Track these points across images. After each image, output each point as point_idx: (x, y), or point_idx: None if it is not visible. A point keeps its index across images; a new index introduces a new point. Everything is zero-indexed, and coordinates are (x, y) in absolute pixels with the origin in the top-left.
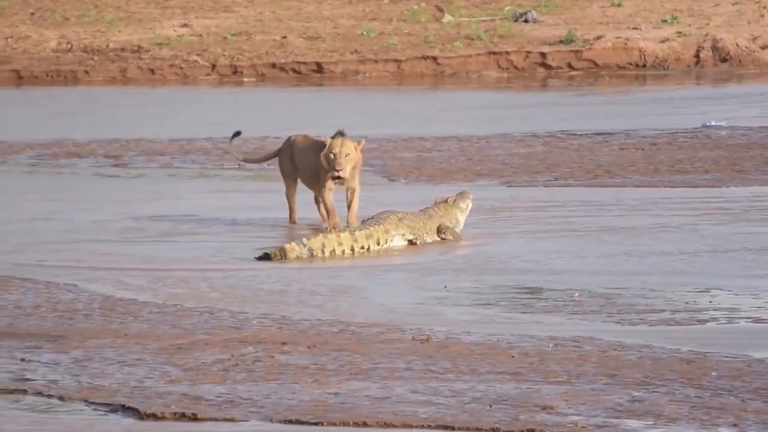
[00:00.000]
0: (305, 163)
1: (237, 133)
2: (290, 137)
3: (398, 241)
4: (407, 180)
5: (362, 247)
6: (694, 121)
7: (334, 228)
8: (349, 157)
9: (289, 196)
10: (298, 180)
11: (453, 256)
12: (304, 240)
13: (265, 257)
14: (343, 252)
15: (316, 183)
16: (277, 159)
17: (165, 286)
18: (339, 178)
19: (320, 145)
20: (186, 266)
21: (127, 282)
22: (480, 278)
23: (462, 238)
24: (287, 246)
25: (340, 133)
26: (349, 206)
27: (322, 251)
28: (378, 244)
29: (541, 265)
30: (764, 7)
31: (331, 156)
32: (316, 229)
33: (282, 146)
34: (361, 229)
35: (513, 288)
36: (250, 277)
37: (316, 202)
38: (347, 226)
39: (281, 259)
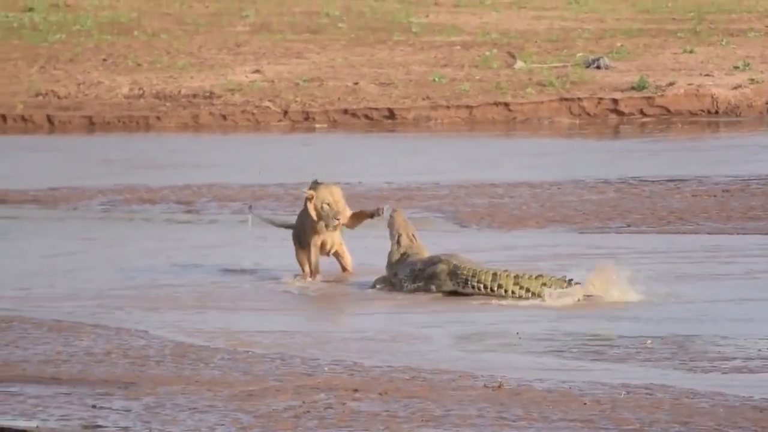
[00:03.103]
0: (301, 231)
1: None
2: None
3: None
4: (479, 226)
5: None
6: (767, 169)
7: (310, 282)
8: (340, 203)
9: (315, 261)
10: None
11: (525, 304)
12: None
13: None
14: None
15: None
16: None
17: (236, 331)
18: (336, 226)
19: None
20: (257, 311)
21: (199, 328)
22: (552, 325)
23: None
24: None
25: (316, 182)
26: (341, 259)
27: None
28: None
29: (612, 312)
30: None
31: (325, 206)
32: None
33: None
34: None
35: (584, 335)
36: (321, 322)
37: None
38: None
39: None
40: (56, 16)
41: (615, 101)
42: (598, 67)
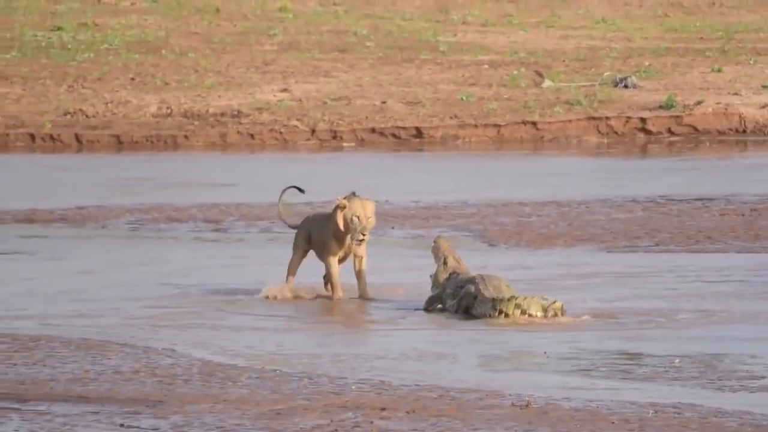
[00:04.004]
0: (320, 237)
1: (296, 189)
2: (309, 216)
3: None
4: (507, 245)
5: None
6: None
7: (338, 300)
8: (370, 219)
9: (294, 265)
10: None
11: (552, 322)
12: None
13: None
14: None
15: (325, 253)
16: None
17: (264, 350)
18: (361, 241)
19: (326, 219)
20: (284, 330)
21: (227, 347)
22: (579, 344)
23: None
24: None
25: (353, 194)
26: (358, 277)
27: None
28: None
29: (638, 330)
30: None
31: (355, 218)
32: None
33: (303, 221)
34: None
35: (612, 354)
36: (348, 340)
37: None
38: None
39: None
40: (84, 35)
41: (643, 120)
42: (626, 86)
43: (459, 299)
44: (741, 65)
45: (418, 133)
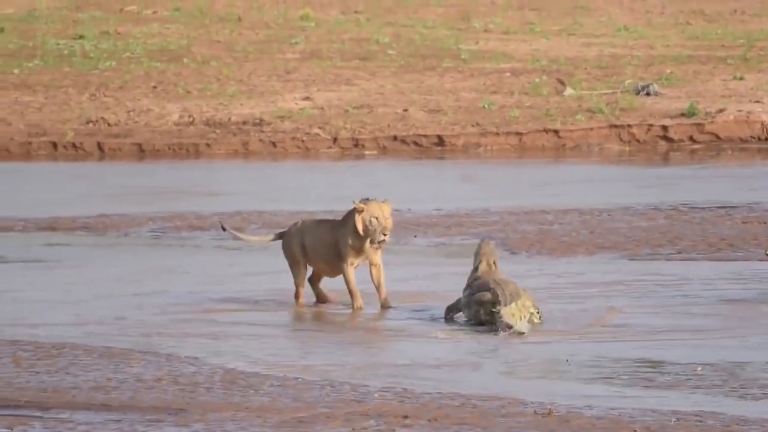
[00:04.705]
0: (321, 245)
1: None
2: (297, 222)
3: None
4: (529, 253)
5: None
6: None
7: (359, 309)
8: (389, 220)
9: (301, 282)
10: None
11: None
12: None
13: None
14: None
15: (335, 263)
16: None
17: (286, 358)
18: (382, 242)
19: (335, 223)
20: (306, 338)
21: (249, 355)
22: (600, 351)
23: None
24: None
25: (367, 199)
26: (378, 286)
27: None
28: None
29: (659, 338)
30: None
31: (374, 220)
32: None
33: (289, 231)
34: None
35: (634, 361)
36: (370, 348)
37: (312, 283)
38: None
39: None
40: (107, 44)
41: (664, 128)
42: (648, 94)
43: (476, 305)
44: (763, 73)
45: (440, 141)
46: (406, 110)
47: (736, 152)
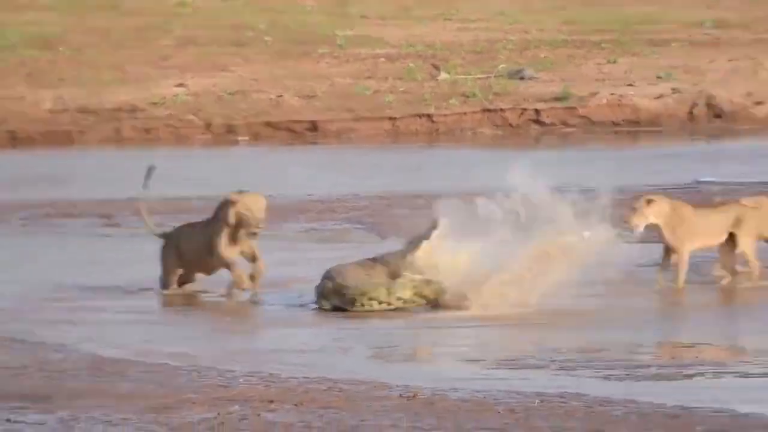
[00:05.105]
0: (199, 248)
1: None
2: (177, 227)
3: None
4: (399, 238)
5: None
6: (687, 177)
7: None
8: (263, 211)
9: (172, 281)
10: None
11: (437, 312)
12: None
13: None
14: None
15: (211, 261)
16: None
17: (153, 344)
18: (255, 234)
19: (207, 222)
20: (174, 324)
21: (116, 341)
22: (468, 334)
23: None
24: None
25: (240, 191)
26: (253, 277)
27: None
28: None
29: (524, 321)
30: (759, 64)
31: (247, 213)
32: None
33: (170, 235)
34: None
35: (499, 344)
36: (237, 334)
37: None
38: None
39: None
40: None
41: (537, 112)
42: (522, 78)
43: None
44: (636, 56)
45: (314, 126)
46: (280, 96)
47: (608, 135)
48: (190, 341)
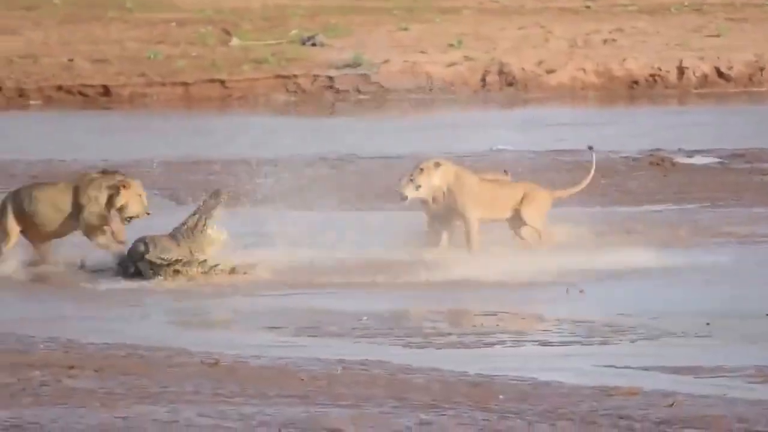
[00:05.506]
0: (51, 210)
1: None
2: (12, 191)
3: None
4: (196, 203)
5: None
6: (481, 145)
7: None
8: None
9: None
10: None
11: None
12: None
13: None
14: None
15: (65, 229)
16: None
17: None
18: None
19: (63, 187)
20: None
21: None
22: (267, 303)
23: None
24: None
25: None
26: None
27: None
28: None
29: (327, 289)
30: (549, 32)
31: (138, 199)
32: None
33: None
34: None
35: (301, 311)
36: (40, 301)
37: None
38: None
39: None
40: None
41: (330, 78)
42: (314, 45)
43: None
44: (428, 24)
45: (106, 91)
46: (71, 60)
47: (401, 102)
48: None
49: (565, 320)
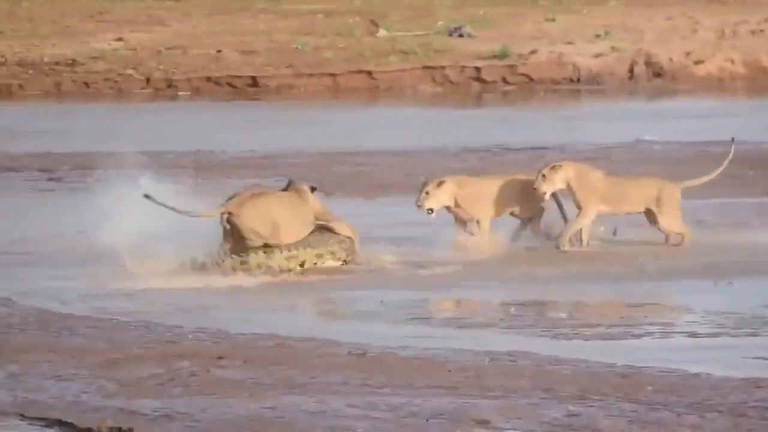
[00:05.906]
0: None
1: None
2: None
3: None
4: (342, 194)
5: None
6: (628, 136)
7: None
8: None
9: None
10: None
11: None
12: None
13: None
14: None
15: None
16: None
17: (101, 299)
18: None
19: None
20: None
21: (63, 297)
22: (413, 294)
23: None
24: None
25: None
26: None
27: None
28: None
29: (472, 281)
30: (697, 22)
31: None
32: None
33: None
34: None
35: (447, 302)
36: (187, 291)
37: None
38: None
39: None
40: None
41: (478, 69)
42: (461, 36)
43: None
44: (575, 14)
45: (254, 82)
46: (219, 51)
47: (548, 93)
48: (139, 296)
49: (713, 312)
